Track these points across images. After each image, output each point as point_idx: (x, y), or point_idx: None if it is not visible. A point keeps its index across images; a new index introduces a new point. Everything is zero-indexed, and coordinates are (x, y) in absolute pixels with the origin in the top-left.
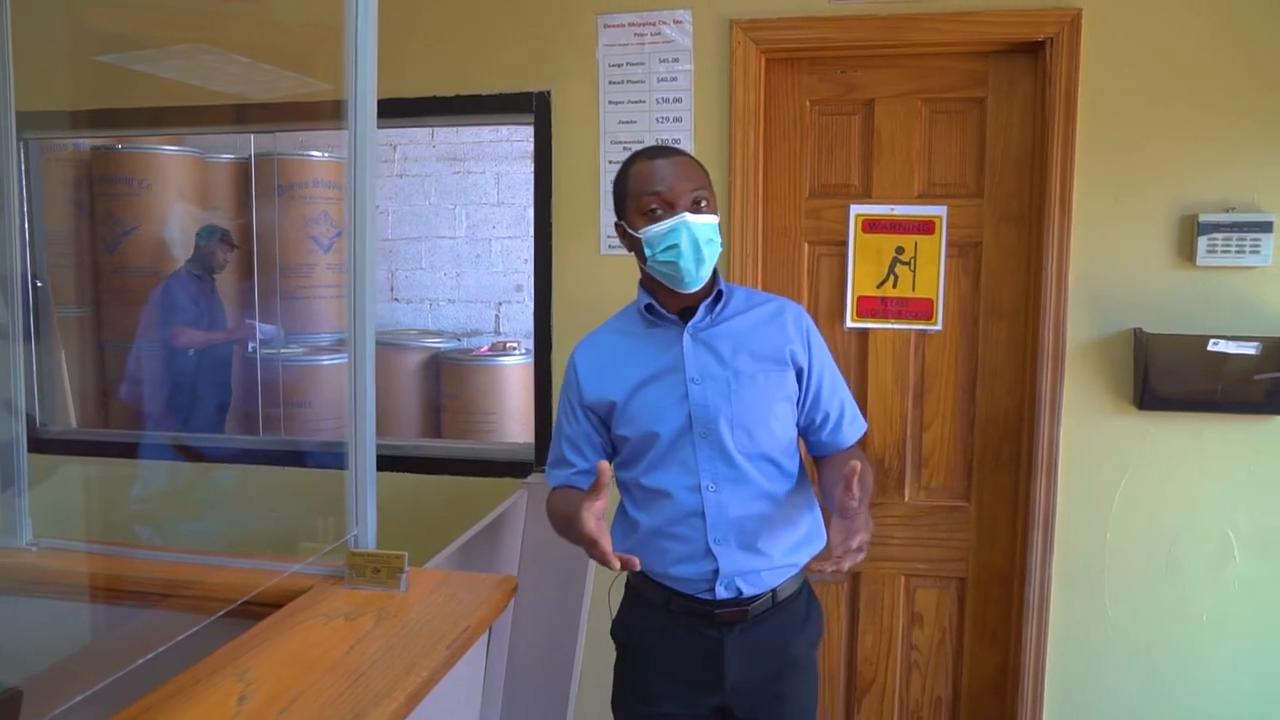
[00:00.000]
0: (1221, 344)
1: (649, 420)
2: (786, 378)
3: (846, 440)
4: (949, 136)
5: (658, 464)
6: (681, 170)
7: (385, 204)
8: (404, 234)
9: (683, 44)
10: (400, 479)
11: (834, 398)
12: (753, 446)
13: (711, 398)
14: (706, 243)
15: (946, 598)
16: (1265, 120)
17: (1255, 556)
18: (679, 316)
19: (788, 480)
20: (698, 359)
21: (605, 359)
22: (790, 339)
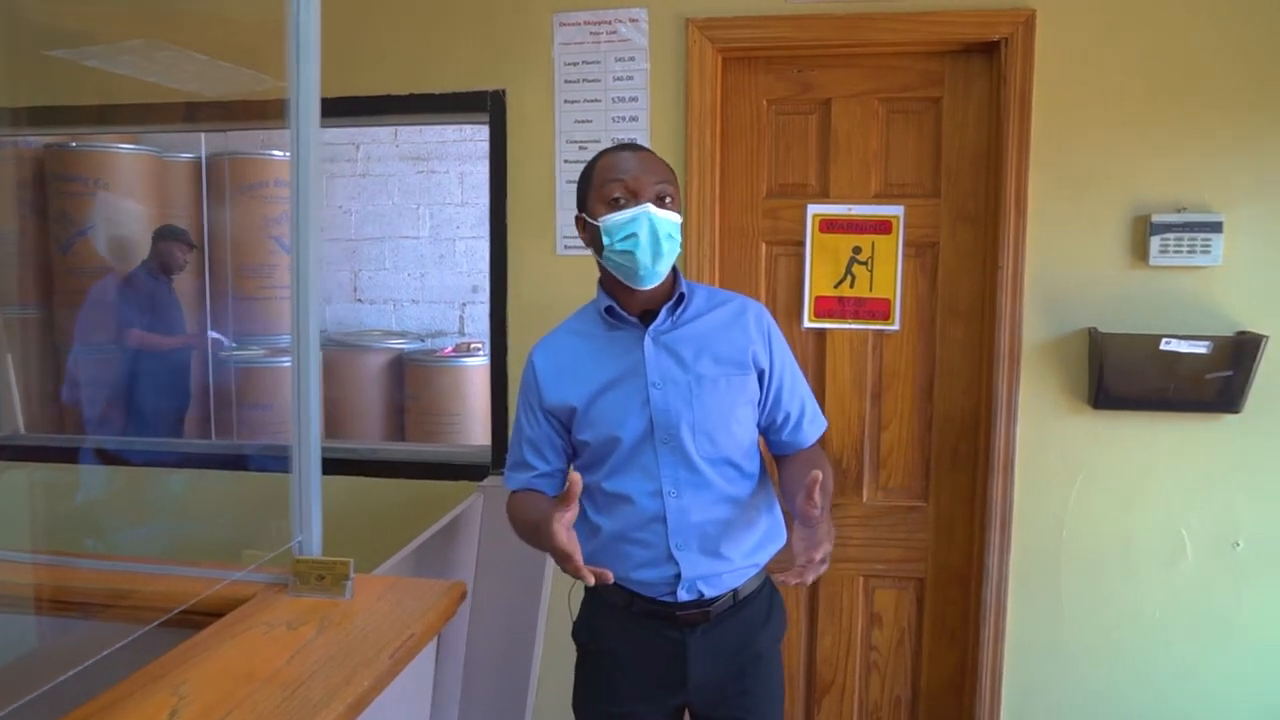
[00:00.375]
0: (1174, 343)
1: (610, 425)
2: (748, 381)
3: (807, 439)
4: (905, 136)
5: (619, 469)
6: (649, 164)
7: (348, 204)
8: (367, 234)
9: (639, 43)
10: (355, 483)
11: (794, 397)
12: (714, 451)
13: (673, 403)
14: (666, 238)
15: (905, 598)
16: (1215, 120)
17: (1207, 554)
18: (639, 319)
19: (749, 482)
20: (659, 363)
21: (564, 361)
22: (752, 340)
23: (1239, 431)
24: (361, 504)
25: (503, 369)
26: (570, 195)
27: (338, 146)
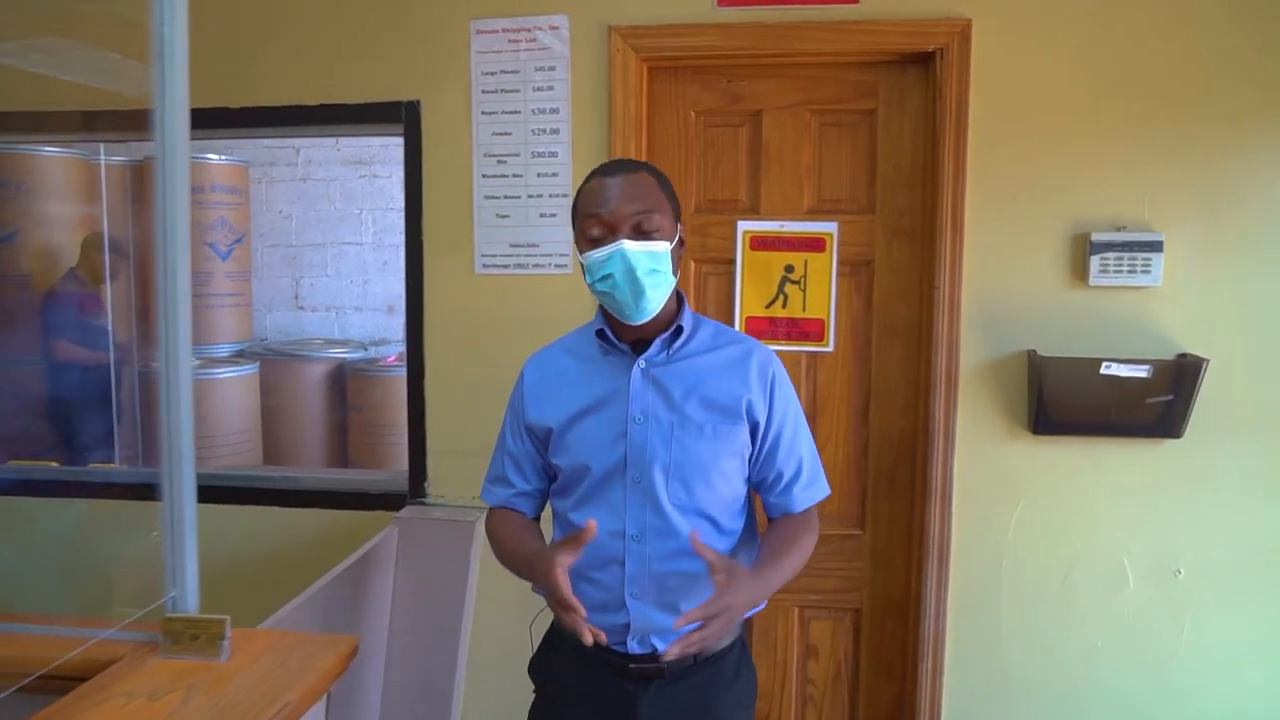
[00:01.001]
0: (1114, 367)
1: (582, 453)
2: (738, 432)
3: (796, 505)
4: (839, 150)
5: (586, 501)
6: (629, 190)
7: (289, 209)
8: (309, 240)
9: (560, 52)
10: (261, 514)
11: (790, 458)
12: (688, 500)
13: (651, 441)
14: (647, 273)
15: (841, 629)
16: (1155, 136)
17: (1148, 583)
18: (633, 347)
19: (725, 539)
20: (644, 397)
21: (552, 379)
22: (750, 389)
23: (1180, 456)
24: (268, 537)
25: (419, 393)
26: (488, 210)
27: (277, 150)
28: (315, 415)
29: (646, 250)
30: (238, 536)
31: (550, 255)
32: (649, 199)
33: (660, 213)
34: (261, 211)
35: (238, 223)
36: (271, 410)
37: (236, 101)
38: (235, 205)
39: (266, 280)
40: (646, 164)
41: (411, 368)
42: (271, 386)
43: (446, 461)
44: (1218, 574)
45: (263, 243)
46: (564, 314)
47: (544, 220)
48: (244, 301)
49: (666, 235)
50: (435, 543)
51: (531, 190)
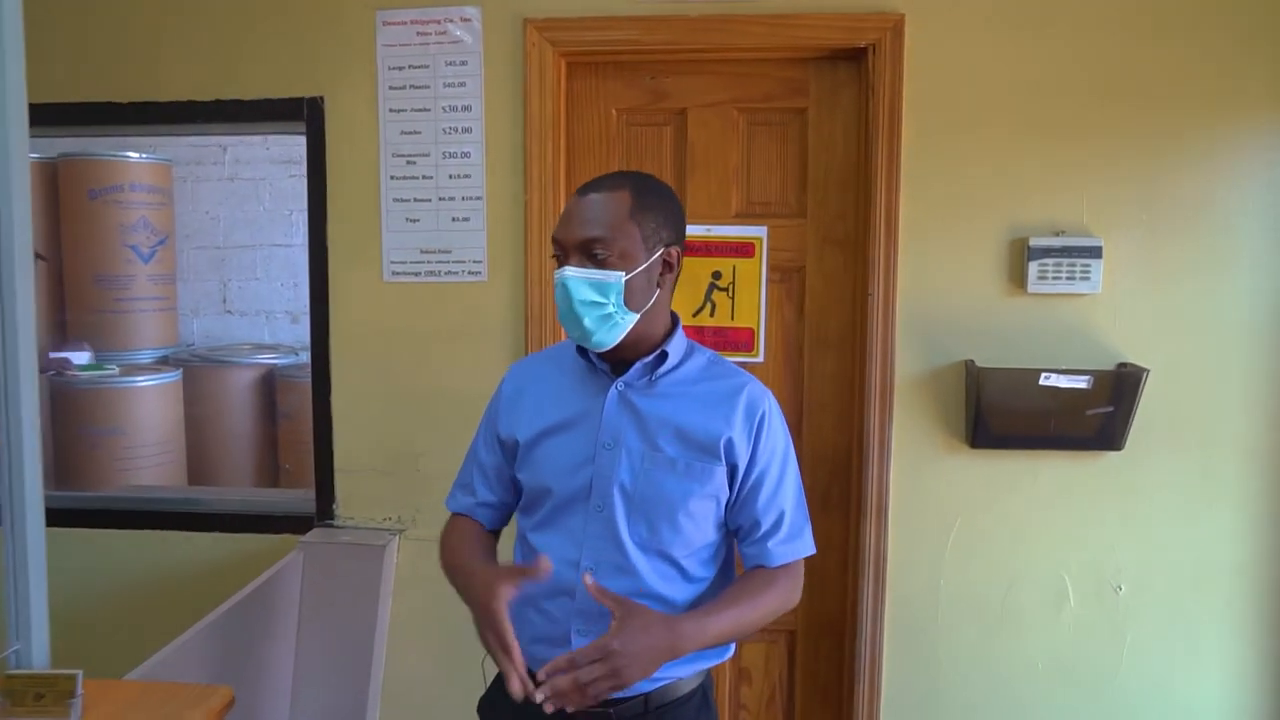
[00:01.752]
0: (1053, 378)
1: (546, 474)
2: (714, 473)
3: (770, 559)
4: (769, 150)
5: (546, 524)
6: (588, 212)
7: (216, 210)
8: (237, 241)
9: (472, 45)
10: (156, 540)
11: (771, 508)
12: (650, 540)
13: (617, 471)
14: (586, 305)
15: (775, 652)
16: (1093, 138)
17: (1089, 600)
18: (613, 368)
19: (690, 587)
20: (617, 422)
21: (528, 389)
22: (732, 428)
23: (1120, 469)
24: (162, 565)
25: (325, 409)
26: (398, 214)
27: (203, 149)
28: (243, 424)
29: (588, 279)
30: (125, 565)
31: (464, 262)
32: (608, 223)
33: (620, 239)
34: (187, 212)
35: (161, 224)
36: (197, 419)
37: (125, 96)
38: (158, 205)
39: (193, 284)
40: (636, 179)
41: (316, 382)
42: (197, 394)
43: (355, 481)
44: (1159, 589)
45: (188, 244)
46: (479, 325)
47: (457, 225)
48: (168, 306)
49: (624, 264)
50: (343, 569)
51: (443, 193)
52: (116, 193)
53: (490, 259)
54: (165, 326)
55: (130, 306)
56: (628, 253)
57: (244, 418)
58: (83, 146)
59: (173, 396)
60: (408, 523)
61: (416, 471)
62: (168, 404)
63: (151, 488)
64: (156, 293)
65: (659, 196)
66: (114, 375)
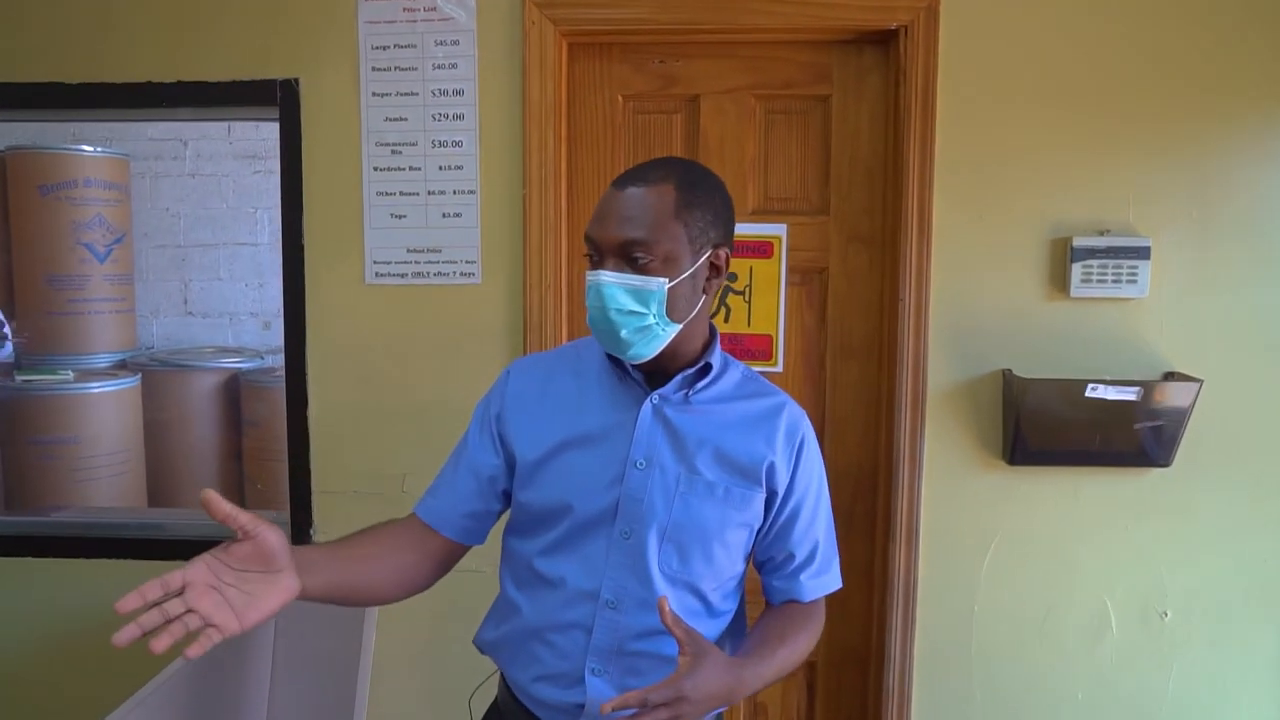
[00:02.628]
0: (1101, 389)
1: (566, 491)
2: (753, 499)
3: (804, 594)
4: (789, 141)
5: (559, 547)
6: (629, 209)
7: (176, 207)
8: (199, 240)
9: (464, 24)
10: (110, 570)
11: (806, 539)
12: (681, 570)
13: (651, 494)
14: (622, 314)
15: (793, 684)
16: (1141, 130)
17: (1133, 627)
18: (646, 379)
19: (715, 623)
20: (652, 439)
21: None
22: (774, 450)
23: (1168, 488)
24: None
25: (301, 424)
26: (381, 209)
27: (163, 143)
28: (206, 429)
29: (626, 286)
30: (73, 601)
31: (455, 263)
32: (651, 223)
33: (664, 241)
34: (145, 209)
35: (118, 221)
36: (157, 426)
37: (75, 76)
38: (115, 202)
39: (152, 284)
40: (682, 169)
41: (292, 394)
42: (157, 401)
43: (336, 504)
44: (1207, 615)
45: (147, 243)
46: (471, 332)
47: (448, 221)
48: (126, 307)
49: (668, 269)
50: (323, 606)
51: (432, 186)
52: (70, 188)
53: (484, 259)
54: (123, 329)
55: (85, 308)
56: (672, 256)
57: (208, 426)
58: (33, 138)
59: (131, 403)
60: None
61: (402, 493)
62: (126, 411)
63: (106, 510)
64: (113, 294)
65: (708, 190)
66: (68, 381)
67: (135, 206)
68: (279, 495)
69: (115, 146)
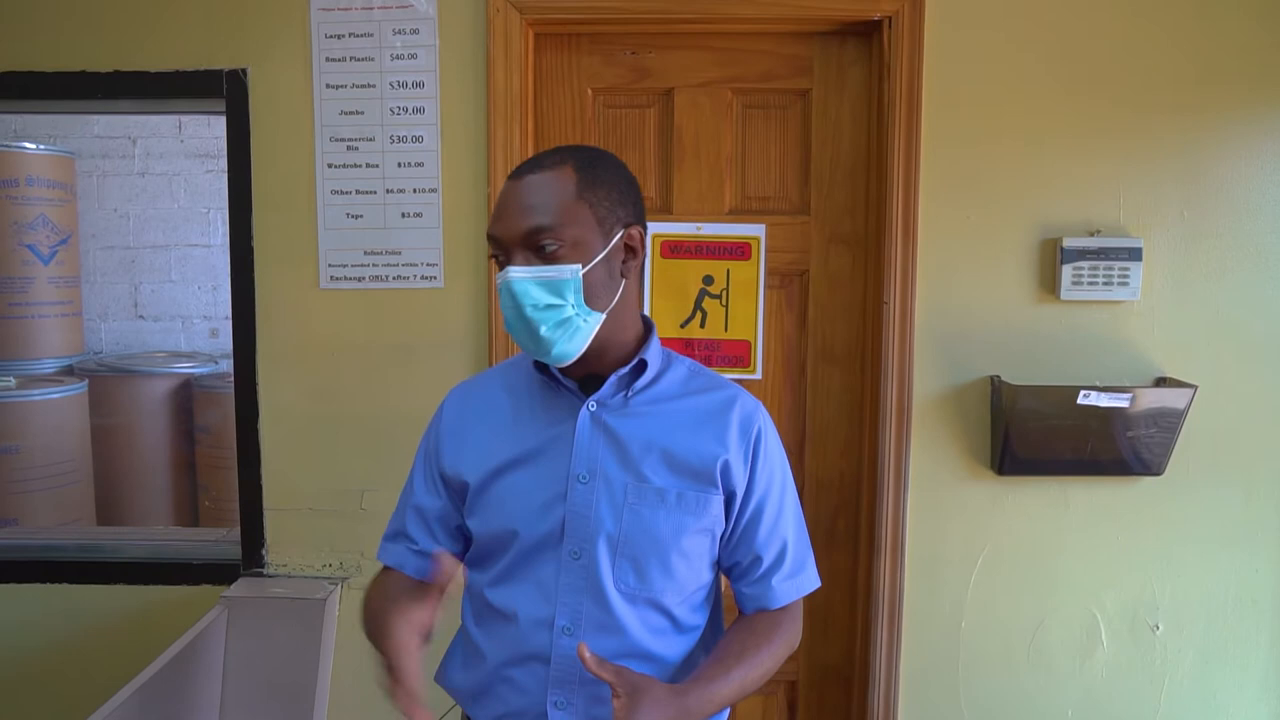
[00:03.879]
0: (1093, 396)
1: (508, 516)
2: (709, 501)
3: (774, 599)
4: (767, 137)
5: (508, 576)
6: (528, 197)
7: (125, 207)
8: (149, 241)
9: (424, 11)
10: (47, 594)
11: (773, 540)
12: (639, 587)
13: (596, 508)
14: (540, 309)
15: (773, 705)
16: (1131, 126)
17: (1123, 641)
18: (580, 385)
19: (684, 639)
20: (593, 449)
21: (476, 418)
22: (727, 449)
23: (1160, 496)
24: (54, 627)
25: (252, 438)
26: (337, 209)
27: (111, 141)
28: (157, 436)
29: (537, 279)
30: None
31: (415, 265)
32: (554, 207)
33: (570, 224)
34: (93, 209)
35: (63, 222)
36: (105, 433)
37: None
38: (60, 202)
39: (100, 287)
40: (578, 152)
41: (241, 406)
42: (105, 407)
43: (289, 522)
44: (1200, 628)
45: (95, 244)
46: (434, 338)
47: (407, 221)
48: (72, 310)
49: (580, 255)
50: (276, 628)
51: (391, 184)
52: (11, 187)
53: (447, 261)
54: (69, 333)
55: (28, 311)
56: (582, 240)
57: (158, 432)
58: None
59: (77, 410)
60: (351, 570)
61: (361, 510)
62: (72, 417)
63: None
64: (58, 296)
65: (608, 168)
66: (10, 388)
67: (82, 207)
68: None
69: (60, 145)
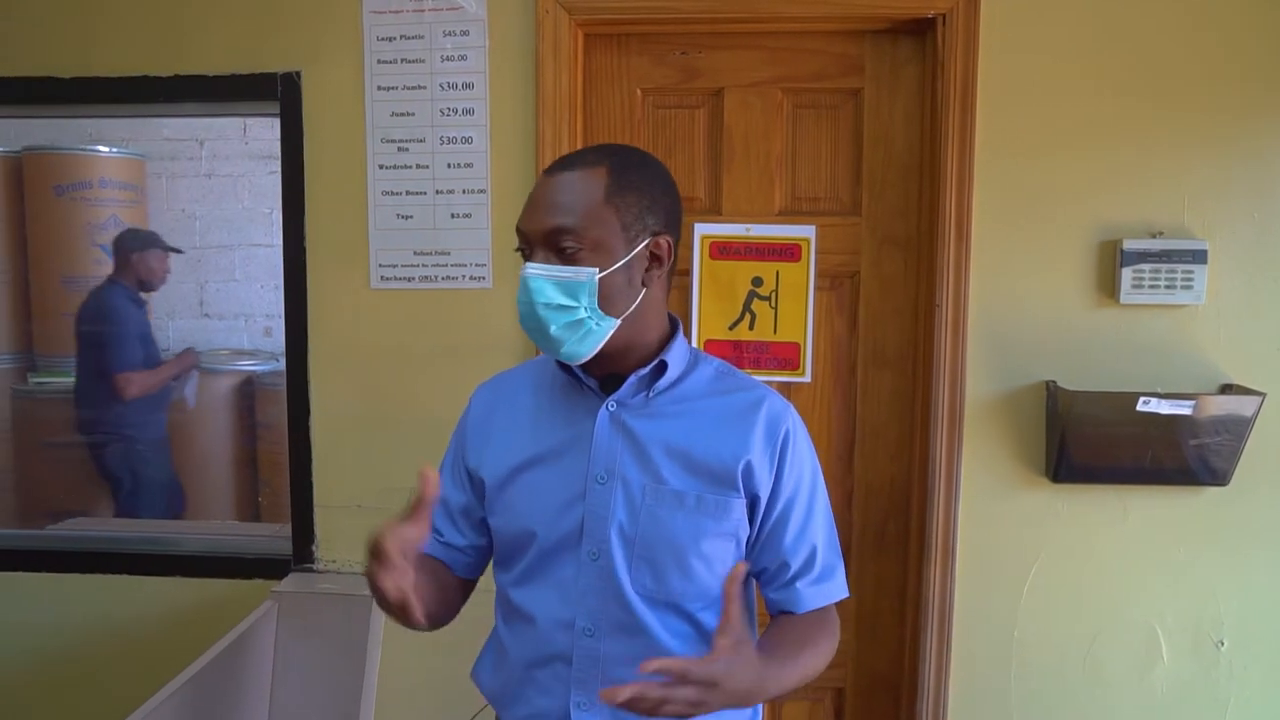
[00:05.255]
0: (1153, 403)
1: (527, 515)
2: (731, 506)
3: (803, 604)
4: (818, 137)
5: (531, 576)
6: (557, 195)
7: (192, 208)
8: (214, 242)
9: (475, 13)
10: (112, 583)
11: (800, 545)
12: (658, 589)
13: (614, 510)
14: (551, 308)
15: (820, 713)
16: (1198, 124)
17: (1186, 655)
18: (602, 384)
19: (707, 644)
20: (611, 450)
21: (501, 414)
22: (750, 449)
23: (1225, 507)
24: (110, 617)
25: (304, 436)
26: (387, 209)
27: (179, 143)
28: (220, 432)
29: (553, 278)
30: (68, 618)
31: (464, 265)
32: (576, 210)
33: (593, 227)
34: (161, 210)
35: (134, 222)
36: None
37: (68, 70)
38: (131, 203)
39: (167, 286)
40: (617, 153)
41: (293, 406)
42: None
43: (339, 519)
44: (1267, 644)
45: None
46: (481, 339)
47: (456, 222)
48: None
49: (599, 259)
50: (325, 623)
51: (440, 185)
52: (85, 189)
53: (495, 262)
54: None
55: None
56: (603, 244)
57: (221, 427)
58: (51, 139)
59: None
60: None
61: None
62: None
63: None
64: None
65: (645, 173)
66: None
67: (151, 208)
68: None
69: (131, 147)
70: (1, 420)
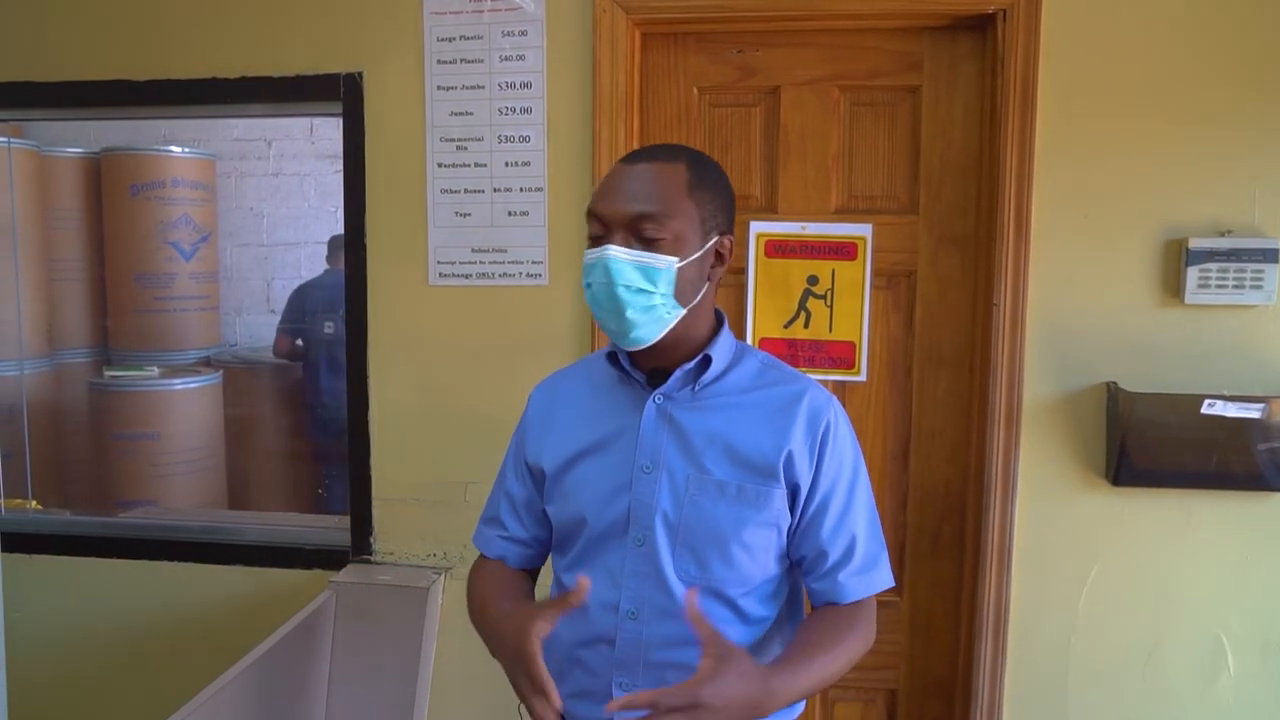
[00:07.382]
0: (1219, 405)
1: (579, 504)
2: (771, 496)
3: (843, 594)
4: (875, 135)
5: (582, 561)
6: (639, 185)
7: (260, 206)
8: (281, 239)
9: (532, 12)
10: (176, 571)
11: (840, 535)
12: (700, 575)
13: (659, 498)
14: (631, 291)
15: (873, 714)
16: (1269, 119)
17: (1252, 665)
18: (649, 378)
19: (748, 630)
20: (657, 440)
21: (559, 409)
22: (790, 441)
23: None
24: (173, 603)
25: (362, 429)
26: (445, 207)
27: (248, 143)
28: (282, 424)
29: (636, 262)
30: (133, 603)
31: (521, 263)
32: (662, 199)
33: (676, 218)
34: (230, 209)
35: (204, 221)
36: (237, 421)
37: (140, 74)
38: (201, 202)
39: (236, 282)
40: (692, 153)
41: (353, 398)
42: (237, 397)
43: (396, 511)
44: None
45: (231, 242)
46: (538, 335)
47: (514, 220)
48: (211, 305)
49: (678, 249)
50: (382, 613)
51: (498, 183)
52: (158, 189)
53: (552, 259)
54: (207, 327)
55: (171, 306)
56: (683, 236)
57: (284, 418)
58: (127, 140)
59: (212, 399)
60: (455, 560)
61: (465, 502)
62: (207, 408)
63: (172, 512)
64: (198, 291)
65: (716, 174)
66: (152, 377)
67: (220, 206)
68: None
69: (202, 147)
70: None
